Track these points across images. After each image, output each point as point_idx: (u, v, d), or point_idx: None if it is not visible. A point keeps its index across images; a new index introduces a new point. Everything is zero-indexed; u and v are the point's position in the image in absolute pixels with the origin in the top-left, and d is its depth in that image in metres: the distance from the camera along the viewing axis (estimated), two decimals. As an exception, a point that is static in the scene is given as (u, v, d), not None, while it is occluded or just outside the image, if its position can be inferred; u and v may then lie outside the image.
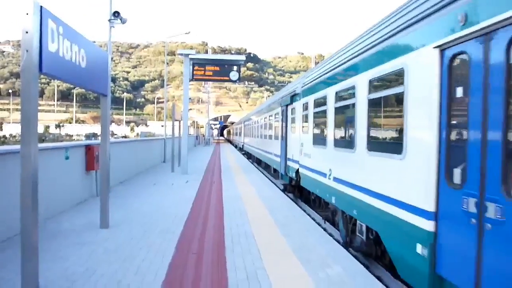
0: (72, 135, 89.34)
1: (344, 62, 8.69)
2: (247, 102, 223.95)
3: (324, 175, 10.15)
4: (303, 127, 13.08)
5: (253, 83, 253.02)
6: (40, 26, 5.03)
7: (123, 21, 19.73)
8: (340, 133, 9.22)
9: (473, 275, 4.29)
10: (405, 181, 5.73)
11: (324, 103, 10.22)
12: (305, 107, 12.65)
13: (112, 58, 12.77)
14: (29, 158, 4.99)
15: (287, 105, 15.86)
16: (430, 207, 5.04)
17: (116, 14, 19.44)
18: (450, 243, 4.76)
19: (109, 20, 19.50)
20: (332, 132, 9.65)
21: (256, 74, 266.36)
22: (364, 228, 7.62)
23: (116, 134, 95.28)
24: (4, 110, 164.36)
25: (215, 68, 19.93)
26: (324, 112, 10.18)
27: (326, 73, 10.31)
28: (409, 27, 5.76)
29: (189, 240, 7.77)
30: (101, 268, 5.99)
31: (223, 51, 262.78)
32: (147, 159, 22.22)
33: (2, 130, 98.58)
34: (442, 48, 4.92)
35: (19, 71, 5.05)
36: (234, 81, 20.48)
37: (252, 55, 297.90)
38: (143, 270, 5.97)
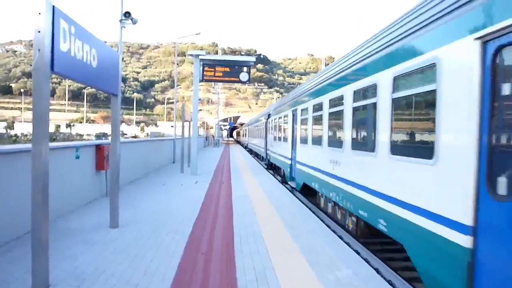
0: (83, 135, 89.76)
1: (283, 104, 20.82)
2: (256, 103, 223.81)
3: (275, 153, 22.73)
4: (272, 131, 24.81)
5: (263, 84, 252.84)
6: (52, 25, 5.06)
7: (134, 22, 19.84)
8: (280, 135, 21.08)
9: (293, 172, 16.63)
10: (286, 149, 18.22)
11: (277, 121, 22.47)
12: (272, 121, 25.09)
13: (122, 58, 12.84)
14: (40, 157, 5.03)
15: (266, 119, 28.22)
16: (290, 156, 17.05)
17: (127, 14, 19.55)
18: (293, 166, 16.59)
19: (120, 21, 19.61)
20: (278, 135, 21.84)
21: (266, 76, 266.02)
22: (282, 171, 19.82)
23: (126, 134, 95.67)
24: (16, 109, 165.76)
25: (225, 69, 19.94)
26: (276, 125, 22.79)
27: (278, 107, 22.86)
28: (286, 104, 19.24)
29: (198, 240, 7.76)
30: (110, 268, 6.00)
31: (233, 52, 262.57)
32: (156, 159, 22.30)
33: (13, 129, 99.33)
34: (292, 110, 16.86)
35: (31, 70, 5.08)
36: (244, 82, 20.46)
37: (262, 56, 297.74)
38: (152, 270, 5.98)
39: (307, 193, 14.84)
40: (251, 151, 47.84)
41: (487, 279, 4.27)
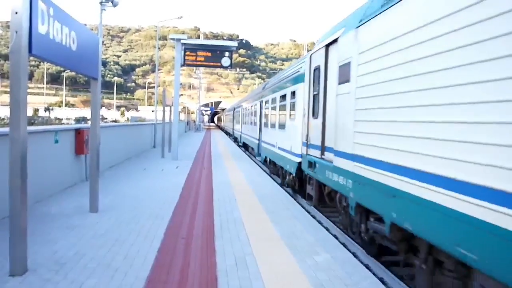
0: (62, 119, 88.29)
1: (236, 104, 46.22)
2: (238, 89, 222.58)
3: (237, 130, 40.22)
4: (236, 118, 41.45)
5: (244, 69, 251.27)
6: (30, 6, 4.95)
7: (115, 4, 19.55)
8: (237, 120, 38.44)
9: (241, 140, 35.53)
10: (239, 127, 36.97)
11: (236, 113, 41.27)
12: (235, 112, 43.05)
13: (103, 42, 12.64)
14: (18, 141, 4.96)
15: (233, 110, 46.26)
16: (240, 130, 35.64)
17: (107, -4, 19.21)
18: (241, 136, 34.44)
19: (100, 3, 19.28)
20: (237, 120, 39.65)
21: (248, 61, 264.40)
22: (239, 139, 37.04)
23: (106, 119, 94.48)
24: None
25: (207, 54, 19.75)
26: (237, 115, 39.86)
27: (237, 105, 44.29)
28: (236, 105, 46.86)
29: (178, 225, 7.79)
30: (90, 252, 6.00)
31: (215, 36, 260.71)
32: (137, 144, 22.15)
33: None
34: (240, 108, 36.43)
35: (8, 52, 4.99)
36: (226, 67, 20.31)
37: (244, 41, 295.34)
38: (132, 254, 5.99)
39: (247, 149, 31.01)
40: (227, 133, 62.03)
41: (261, 147, 20.41)
